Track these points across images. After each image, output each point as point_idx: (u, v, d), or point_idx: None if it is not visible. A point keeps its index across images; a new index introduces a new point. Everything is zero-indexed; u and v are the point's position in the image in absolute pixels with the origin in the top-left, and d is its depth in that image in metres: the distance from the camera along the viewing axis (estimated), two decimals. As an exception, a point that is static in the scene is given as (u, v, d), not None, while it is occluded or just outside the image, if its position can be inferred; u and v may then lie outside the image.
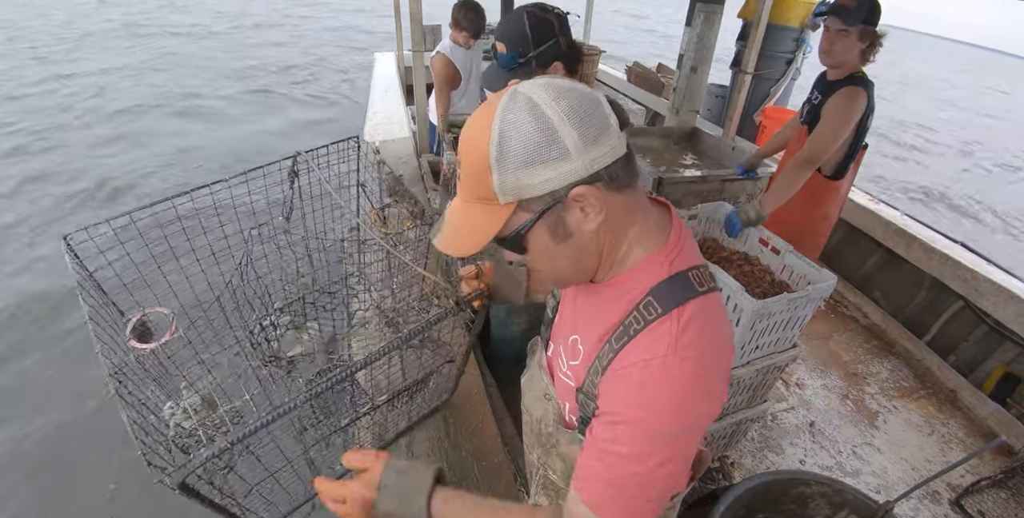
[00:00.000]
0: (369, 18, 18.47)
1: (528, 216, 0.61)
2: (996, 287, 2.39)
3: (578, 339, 0.76)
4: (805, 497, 1.38)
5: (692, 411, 0.63)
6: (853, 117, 1.92)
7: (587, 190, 0.59)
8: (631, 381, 0.63)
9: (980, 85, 26.69)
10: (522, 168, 0.57)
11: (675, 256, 0.68)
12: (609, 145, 0.60)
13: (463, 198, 0.65)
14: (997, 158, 11.61)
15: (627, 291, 0.68)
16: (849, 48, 1.92)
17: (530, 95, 0.58)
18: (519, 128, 0.57)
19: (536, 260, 0.68)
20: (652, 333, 0.64)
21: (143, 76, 9.60)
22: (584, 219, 0.62)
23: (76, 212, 5.09)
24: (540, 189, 0.59)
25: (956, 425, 2.25)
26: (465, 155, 0.61)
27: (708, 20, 3.40)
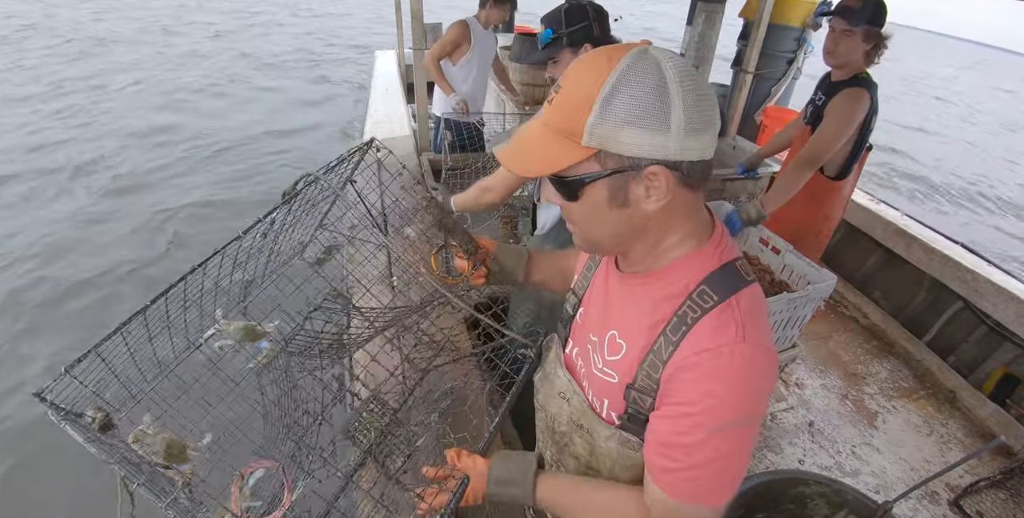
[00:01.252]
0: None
1: (598, 168, 0.60)
2: (996, 288, 2.39)
3: (616, 334, 0.75)
4: (804, 497, 1.38)
5: (761, 398, 0.64)
6: (856, 118, 1.92)
7: (663, 172, 0.59)
8: (702, 369, 0.62)
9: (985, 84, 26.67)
10: (622, 122, 0.57)
11: (722, 250, 0.69)
12: (705, 143, 0.60)
13: (545, 122, 0.63)
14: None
15: (675, 281, 0.68)
16: (853, 49, 1.91)
17: (660, 62, 0.57)
18: (639, 84, 0.56)
19: (580, 214, 0.67)
20: (715, 320, 0.64)
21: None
22: (645, 197, 0.62)
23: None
24: (626, 149, 0.58)
25: (955, 426, 2.25)
26: (571, 82, 0.60)
27: (709, 19, 3.39)
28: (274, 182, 5.79)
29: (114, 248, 4.58)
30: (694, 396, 0.63)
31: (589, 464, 0.84)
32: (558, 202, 0.68)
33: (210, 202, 5.42)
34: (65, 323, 3.69)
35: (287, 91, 9.40)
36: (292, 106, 8.64)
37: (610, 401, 0.77)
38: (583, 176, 0.61)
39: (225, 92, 9.01)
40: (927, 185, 8.83)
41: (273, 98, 8.95)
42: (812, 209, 2.19)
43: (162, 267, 4.33)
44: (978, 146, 12.26)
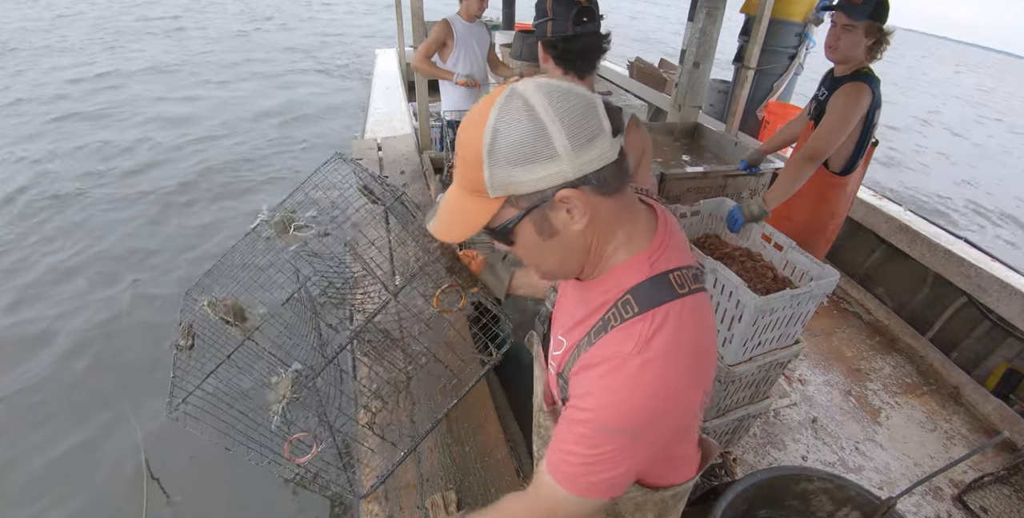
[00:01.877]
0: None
1: (516, 212, 0.63)
2: (999, 283, 2.38)
3: (561, 332, 0.80)
4: (807, 493, 1.38)
5: (644, 413, 0.65)
6: (857, 112, 1.91)
7: (573, 193, 0.61)
8: (593, 373, 0.67)
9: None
10: (511, 165, 0.59)
11: (657, 258, 0.70)
12: (600, 150, 0.61)
13: (459, 186, 0.67)
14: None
15: (609, 289, 0.70)
16: (855, 44, 1.89)
17: (526, 95, 0.59)
18: (512, 126, 0.58)
19: (523, 253, 0.71)
20: (624, 331, 0.66)
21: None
22: (570, 220, 0.64)
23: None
24: (528, 187, 0.61)
25: (959, 421, 2.24)
26: (461, 146, 0.63)
27: (711, 15, 3.38)
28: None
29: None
30: (581, 394, 0.68)
31: None
32: (506, 249, 0.72)
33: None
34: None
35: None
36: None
37: (556, 391, 0.84)
38: (505, 223, 0.65)
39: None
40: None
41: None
42: (818, 206, 2.18)
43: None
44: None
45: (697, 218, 1.89)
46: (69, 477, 2.66)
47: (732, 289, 1.49)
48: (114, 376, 3.22)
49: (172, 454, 2.71)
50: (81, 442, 2.82)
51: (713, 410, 1.75)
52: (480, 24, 3.32)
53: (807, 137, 2.10)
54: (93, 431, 2.88)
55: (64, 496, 2.57)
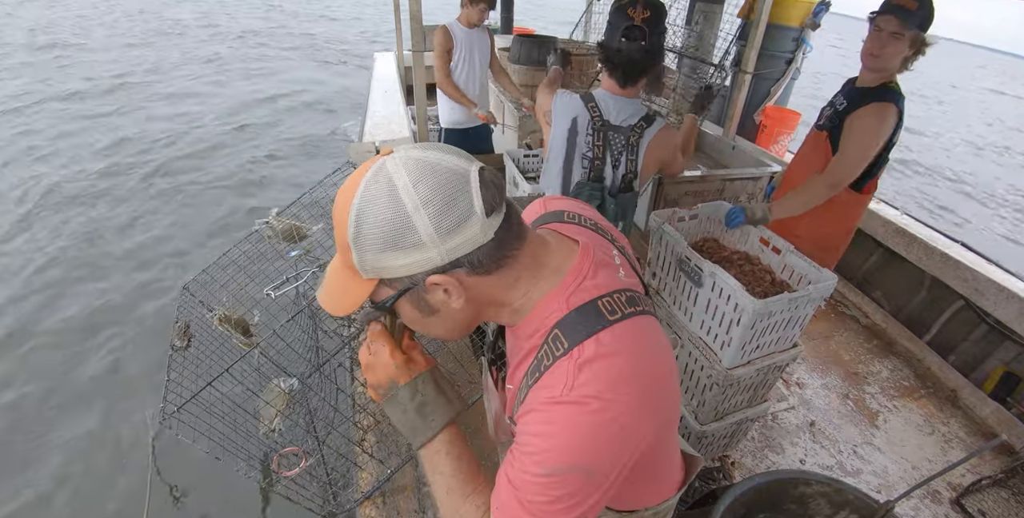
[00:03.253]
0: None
1: (391, 291, 0.63)
2: (996, 286, 2.39)
3: (506, 378, 0.79)
4: (806, 497, 1.38)
5: (591, 449, 0.60)
6: (883, 137, 1.80)
7: (443, 279, 0.60)
8: (531, 418, 0.63)
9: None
10: (379, 251, 0.58)
11: (573, 290, 0.66)
12: (468, 235, 0.58)
13: (338, 258, 0.66)
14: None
15: (535, 330, 0.67)
16: (898, 53, 1.75)
17: (392, 176, 0.57)
18: (375, 211, 0.56)
19: (411, 324, 0.71)
20: (554, 373, 0.62)
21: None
22: (447, 299, 0.63)
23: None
24: (397, 272, 0.60)
25: (956, 424, 2.25)
26: (335, 224, 0.61)
27: (708, 19, 3.40)
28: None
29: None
30: (525, 438, 0.63)
31: None
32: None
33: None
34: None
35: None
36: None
37: (508, 431, 0.79)
38: (383, 301, 0.64)
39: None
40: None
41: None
42: (838, 223, 2.09)
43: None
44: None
45: (695, 222, 1.90)
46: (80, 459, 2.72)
47: (730, 292, 1.49)
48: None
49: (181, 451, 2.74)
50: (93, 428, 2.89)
51: (711, 414, 1.75)
52: (482, 30, 3.30)
53: (815, 145, 2.03)
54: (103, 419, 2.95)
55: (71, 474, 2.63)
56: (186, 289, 1.33)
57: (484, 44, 3.36)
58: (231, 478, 2.49)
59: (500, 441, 0.90)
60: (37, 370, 3.23)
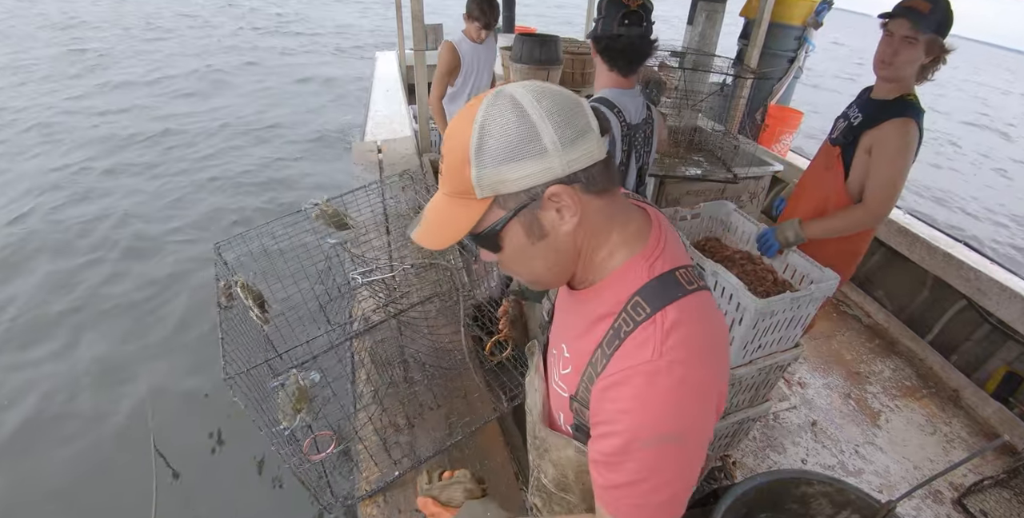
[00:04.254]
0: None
1: (503, 213, 0.62)
2: (999, 286, 2.38)
3: (564, 347, 0.76)
4: (807, 496, 1.38)
5: (684, 415, 0.61)
6: (911, 155, 1.68)
7: (563, 190, 0.60)
8: (620, 389, 0.62)
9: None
10: (500, 163, 0.58)
11: (656, 258, 0.67)
12: (587, 148, 0.60)
13: (443, 191, 0.66)
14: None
15: (611, 295, 0.67)
16: (913, 60, 1.62)
17: (513, 94, 0.59)
18: (500, 124, 0.58)
19: (510, 260, 0.68)
20: (638, 337, 0.63)
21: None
22: (559, 220, 0.63)
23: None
24: (517, 185, 0.60)
25: (958, 424, 2.24)
26: (447, 148, 0.62)
27: (710, 18, 3.39)
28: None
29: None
30: (613, 415, 0.63)
31: (564, 473, 0.85)
32: (492, 258, 0.70)
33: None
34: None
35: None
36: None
37: (564, 413, 0.79)
38: (493, 225, 0.63)
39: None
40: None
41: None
42: (857, 237, 1.93)
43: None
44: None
45: (697, 221, 1.90)
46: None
47: (732, 292, 1.49)
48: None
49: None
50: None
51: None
52: (489, 42, 3.19)
53: (827, 159, 1.90)
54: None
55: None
56: (217, 248, 1.33)
57: (491, 56, 3.28)
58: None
59: (539, 436, 0.89)
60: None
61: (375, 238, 1.85)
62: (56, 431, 2.92)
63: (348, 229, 1.41)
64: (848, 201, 1.81)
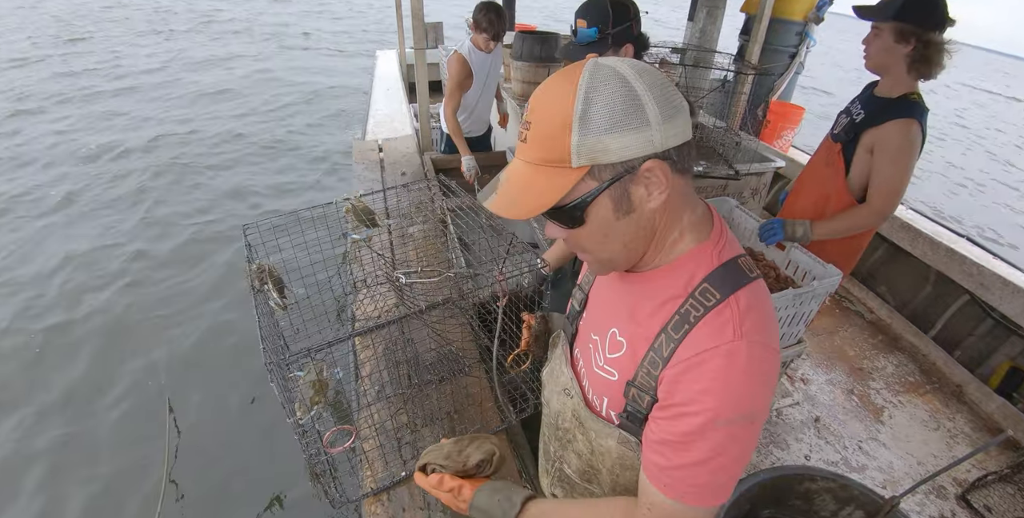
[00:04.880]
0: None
1: (596, 184, 0.61)
2: (1002, 281, 2.38)
3: (616, 331, 0.75)
4: (811, 492, 1.38)
5: (761, 395, 0.64)
6: (915, 154, 1.67)
7: (658, 164, 0.60)
8: (701, 370, 0.63)
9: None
10: (604, 132, 0.57)
11: (723, 245, 0.69)
12: (680, 125, 0.61)
13: (527, 159, 0.63)
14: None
15: (678, 279, 0.68)
16: (882, 48, 1.64)
17: (614, 66, 0.59)
18: (606, 92, 0.57)
19: (588, 236, 0.66)
20: (715, 320, 0.64)
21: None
22: (647, 196, 0.62)
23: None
24: (617, 155, 0.58)
25: (962, 420, 2.24)
26: (540, 113, 0.60)
27: (711, 14, 3.38)
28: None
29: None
30: (693, 395, 0.63)
31: (590, 462, 0.84)
32: (563, 235, 0.68)
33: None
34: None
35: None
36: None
37: (609, 399, 0.78)
38: (584, 197, 0.61)
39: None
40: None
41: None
42: (859, 233, 1.91)
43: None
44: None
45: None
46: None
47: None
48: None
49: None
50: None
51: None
52: (497, 48, 3.13)
53: (828, 153, 1.90)
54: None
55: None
56: (244, 230, 1.32)
57: (497, 65, 3.25)
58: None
59: (563, 428, 0.89)
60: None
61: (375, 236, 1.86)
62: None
63: (376, 227, 1.42)
64: (848, 198, 1.80)
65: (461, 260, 1.96)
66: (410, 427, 1.48)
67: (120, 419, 2.95)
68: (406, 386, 1.56)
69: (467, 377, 1.61)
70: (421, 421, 1.50)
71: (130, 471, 2.66)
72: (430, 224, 2.18)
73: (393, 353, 1.64)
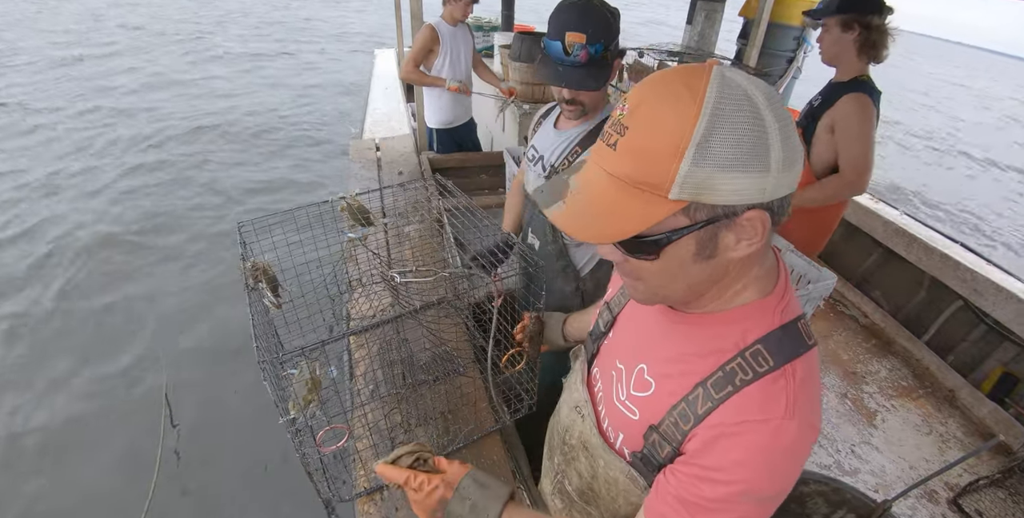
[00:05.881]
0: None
1: (687, 222, 0.52)
2: (995, 287, 2.39)
3: (645, 369, 0.70)
4: (804, 496, 1.38)
5: (795, 475, 0.59)
6: (872, 122, 1.82)
7: (761, 216, 0.52)
8: (742, 440, 0.57)
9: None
10: (719, 168, 0.48)
11: (786, 305, 0.62)
12: (796, 175, 0.53)
13: (612, 172, 0.53)
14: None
15: (731, 333, 0.61)
16: (833, 41, 1.85)
17: (747, 88, 0.49)
18: (736, 121, 0.48)
19: (655, 272, 0.58)
20: (766, 390, 0.57)
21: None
22: (734, 245, 0.55)
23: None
24: (724, 198, 0.50)
25: (954, 424, 2.25)
26: (646, 122, 0.50)
27: (709, 18, 3.39)
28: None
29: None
30: (728, 464, 0.57)
31: (591, 486, 0.82)
32: (621, 260, 0.59)
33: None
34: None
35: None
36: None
37: (625, 436, 0.73)
38: (668, 233, 0.53)
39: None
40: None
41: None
42: (826, 212, 2.12)
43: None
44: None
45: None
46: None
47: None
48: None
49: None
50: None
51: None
52: (463, 26, 3.30)
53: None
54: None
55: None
56: (239, 227, 1.32)
57: (468, 41, 3.37)
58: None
59: (573, 445, 0.84)
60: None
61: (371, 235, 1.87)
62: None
63: (372, 226, 1.41)
64: (810, 179, 1.99)
65: (457, 260, 1.96)
66: (404, 427, 1.47)
67: (121, 407, 3.04)
68: (400, 385, 1.56)
69: (462, 377, 1.60)
70: (415, 421, 1.49)
71: (127, 459, 2.74)
72: (426, 224, 2.18)
73: (388, 352, 1.63)
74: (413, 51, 3.20)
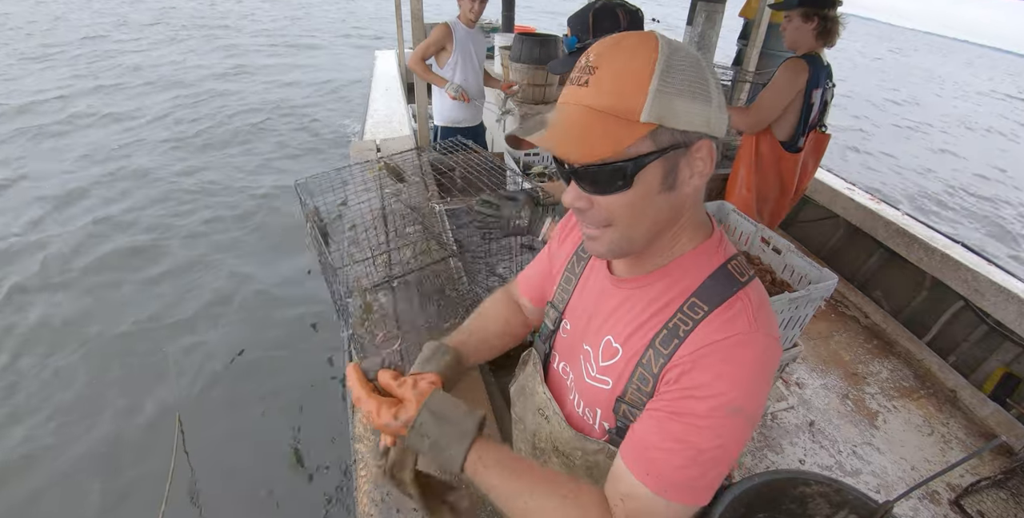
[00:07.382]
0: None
1: (652, 147, 0.58)
2: (996, 287, 2.39)
3: (611, 339, 0.72)
4: (805, 497, 1.38)
5: (764, 392, 0.62)
6: (792, 85, 2.13)
7: (709, 145, 0.59)
8: (715, 357, 0.60)
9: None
10: (680, 94, 0.56)
11: (718, 253, 0.68)
12: (724, 117, 0.60)
13: (587, 104, 0.58)
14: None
15: (670, 288, 0.67)
16: (794, 30, 2.13)
17: (687, 47, 0.59)
18: (687, 57, 0.57)
19: (627, 204, 0.61)
20: (722, 316, 0.62)
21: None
22: (689, 177, 0.61)
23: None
24: (683, 122, 0.57)
25: (956, 425, 2.25)
26: (614, 59, 0.57)
27: (709, 19, 3.39)
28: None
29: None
30: (705, 380, 0.60)
31: (574, 473, 0.82)
32: (587, 204, 0.62)
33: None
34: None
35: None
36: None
37: (603, 411, 0.74)
38: (644, 156, 0.57)
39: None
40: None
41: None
42: (773, 178, 2.41)
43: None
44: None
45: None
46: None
47: (730, 292, 1.49)
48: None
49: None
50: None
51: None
52: (479, 30, 3.32)
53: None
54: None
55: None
56: (298, 186, 1.49)
57: (482, 45, 3.38)
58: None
59: (542, 448, 0.84)
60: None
61: (373, 235, 1.89)
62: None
63: (405, 182, 1.66)
64: (775, 142, 2.31)
65: (450, 235, 2.15)
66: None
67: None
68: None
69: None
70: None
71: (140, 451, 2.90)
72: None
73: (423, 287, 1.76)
74: (424, 44, 3.21)
